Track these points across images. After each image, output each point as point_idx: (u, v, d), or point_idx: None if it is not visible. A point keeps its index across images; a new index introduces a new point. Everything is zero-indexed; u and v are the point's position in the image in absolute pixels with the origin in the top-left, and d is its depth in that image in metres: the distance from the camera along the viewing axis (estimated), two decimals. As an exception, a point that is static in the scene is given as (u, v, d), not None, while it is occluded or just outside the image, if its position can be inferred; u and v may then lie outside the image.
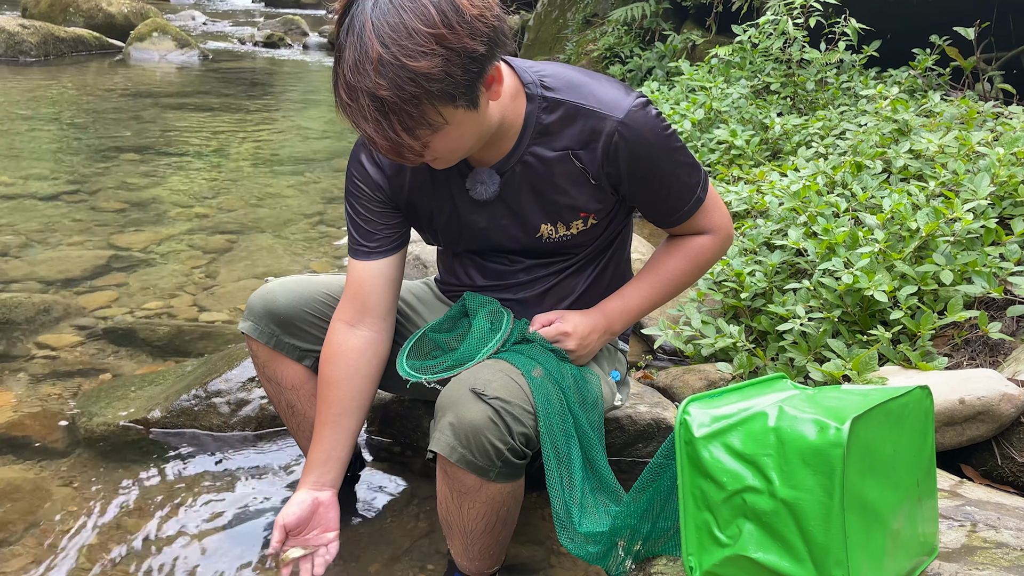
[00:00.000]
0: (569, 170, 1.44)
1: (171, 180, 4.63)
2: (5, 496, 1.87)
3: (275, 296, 1.64)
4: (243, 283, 3.19)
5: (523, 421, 1.34)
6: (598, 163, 1.43)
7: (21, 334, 2.65)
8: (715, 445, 1.09)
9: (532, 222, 1.50)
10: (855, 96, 3.92)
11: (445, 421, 1.35)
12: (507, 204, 1.49)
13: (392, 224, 1.54)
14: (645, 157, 1.42)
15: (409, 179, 1.51)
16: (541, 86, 1.42)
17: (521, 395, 1.36)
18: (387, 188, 1.52)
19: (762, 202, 2.81)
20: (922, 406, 1.17)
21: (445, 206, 1.53)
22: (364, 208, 1.53)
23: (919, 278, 2.10)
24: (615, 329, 1.59)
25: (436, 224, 1.56)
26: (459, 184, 1.49)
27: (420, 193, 1.52)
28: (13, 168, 4.68)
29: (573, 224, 1.51)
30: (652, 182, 1.47)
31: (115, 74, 8.73)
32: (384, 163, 1.51)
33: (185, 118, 6.43)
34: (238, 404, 2.13)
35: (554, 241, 1.53)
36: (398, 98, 1.16)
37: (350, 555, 1.72)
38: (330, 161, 5.31)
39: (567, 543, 1.33)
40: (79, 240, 3.56)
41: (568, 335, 1.51)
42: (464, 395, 1.34)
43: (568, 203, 1.48)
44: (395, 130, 1.20)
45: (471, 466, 1.35)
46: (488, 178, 1.46)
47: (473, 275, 1.63)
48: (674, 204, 1.52)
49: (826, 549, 0.99)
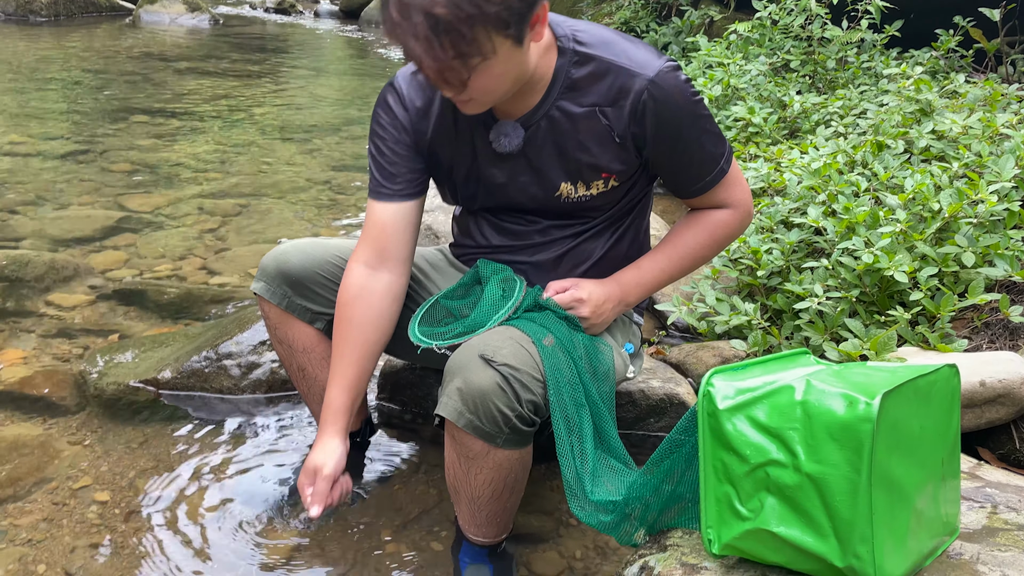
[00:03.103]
0: (595, 127, 1.43)
1: (181, 143, 4.60)
2: (15, 452, 1.86)
3: (288, 257, 1.62)
4: (252, 247, 3.17)
5: (531, 389, 1.33)
6: (625, 121, 1.41)
7: (31, 292, 2.63)
8: (739, 418, 1.07)
9: (552, 180, 1.49)
10: (876, 76, 3.86)
11: (453, 386, 1.34)
12: (528, 160, 1.48)
13: (415, 168, 1.53)
14: (672, 119, 1.41)
15: (434, 125, 1.50)
16: (574, 40, 1.41)
17: (530, 363, 1.34)
18: (411, 131, 1.51)
19: (780, 180, 2.77)
20: (949, 385, 1.15)
21: (466, 158, 1.52)
22: (389, 150, 1.52)
23: (940, 259, 2.08)
24: (630, 300, 1.57)
25: (455, 176, 1.55)
26: (483, 136, 1.48)
27: (443, 141, 1.51)
28: (23, 127, 4.66)
29: (593, 184, 1.49)
30: (677, 146, 1.45)
31: (125, 36, 8.66)
32: (411, 107, 1.50)
33: (195, 82, 6.39)
34: (249, 367, 2.12)
35: (572, 201, 1.51)
36: (454, 16, 1.16)
37: (360, 521, 1.71)
38: (340, 129, 5.27)
39: (578, 511, 1.31)
40: (89, 200, 3.55)
41: (582, 302, 1.49)
42: (473, 360, 1.33)
43: (590, 162, 1.46)
44: (445, 51, 1.19)
45: (478, 432, 1.34)
46: (512, 131, 1.45)
47: (489, 235, 1.61)
48: (696, 172, 1.50)
49: (851, 525, 0.97)
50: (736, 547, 1.08)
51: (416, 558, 1.62)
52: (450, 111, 1.48)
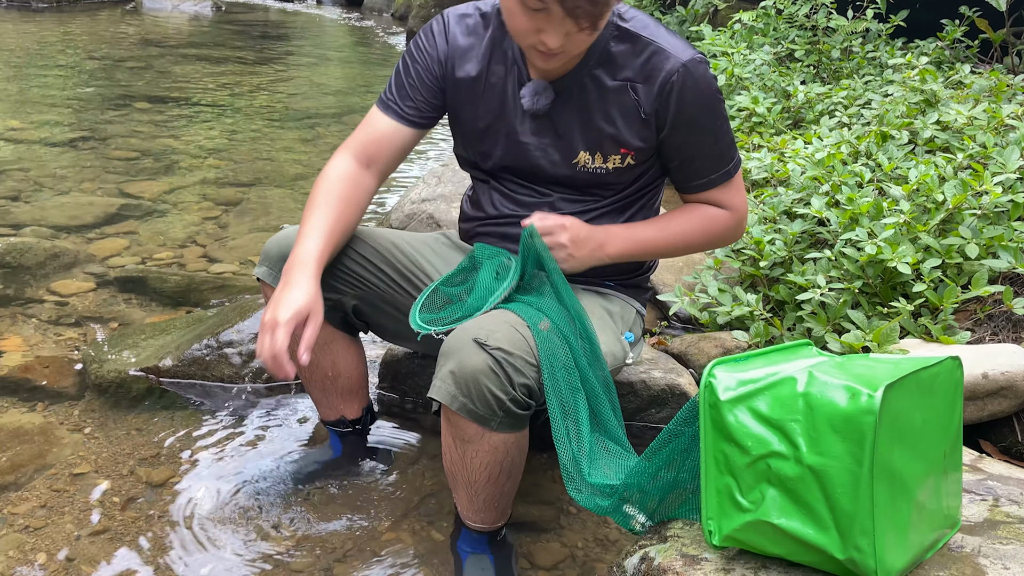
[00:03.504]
0: (623, 101, 1.47)
1: (182, 130, 4.58)
2: (15, 439, 1.86)
3: (290, 242, 1.61)
4: (254, 235, 3.16)
5: (525, 373, 1.33)
6: (653, 97, 1.46)
7: (31, 279, 2.63)
8: (741, 409, 1.06)
9: (573, 146, 1.52)
10: (880, 66, 3.84)
11: (446, 369, 1.34)
12: (553, 123, 1.51)
13: (431, 103, 1.57)
14: (694, 107, 1.46)
15: (469, 69, 1.54)
16: (618, 16, 1.47)
17: (524, 347, 1.34)
18: (446, 65, 1.55)
19: (784, 170, 2.76)
20: (952, 377, 1.14)
21: (493, 110, 1.55)
22: (415, 73, 1.56)
23: (944, 251, 2.07)
24: (609, 250, 1.53)
25: (477, 125, 1.57)
26: (514, 92, 1.52)
27: (474, 87, 1.55)
28: (24, 113, 4.64)
29: (611, 158, 1.51)
30: (692, 135, 1.49)
31: (127, 22, 8.64)
32: (453, 43, 1.55)
33: (197, 69, 6.36)
34: (250, 356, 2.12)
35: (588, 172, 1.53)
36: None
37: (360, 509, 1.71)
38: (342, 117, 5.25)
39: (575, 494, 1.30)
40: (90, 187, 3.54)
41: (564, 228, 1.48)
42: (466, 344, 1.33)
43: (612, 134, 1.49)
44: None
45: (472, 415, 1.34)
46: (544, 91, 1.49)
47: (498, 204, 1.62)
48: (703, 166, 1.53)
49: (852, 517, 0.97)
50: (737, 539, 1.08)
51: (416, 547, 1.62)
52: (488, 60, 1.53)
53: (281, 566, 1.55)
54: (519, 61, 1.52)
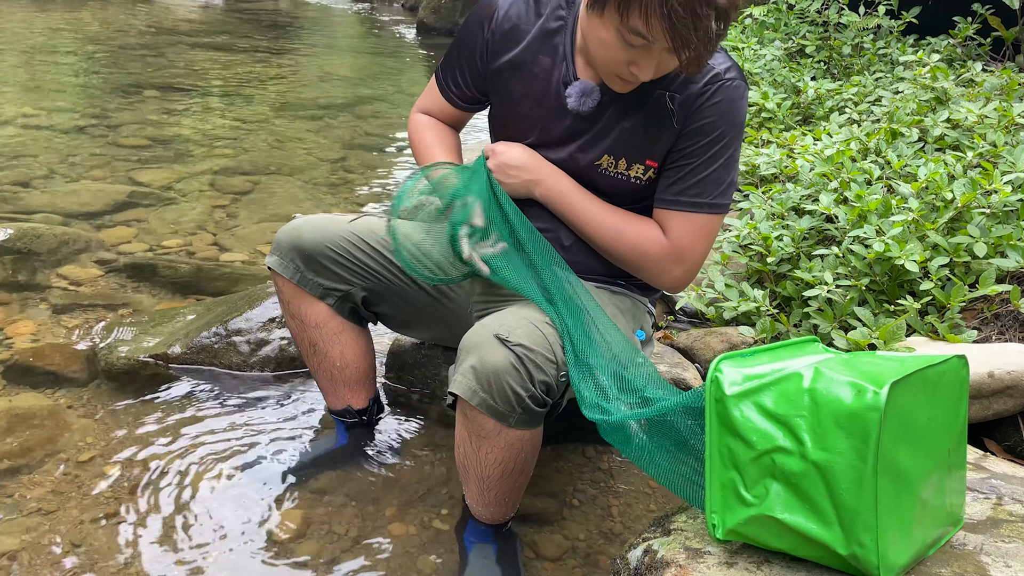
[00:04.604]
0: (660, 110, 1.46)
1: (192, 119, 4.60)
2: (25, 423, 1.88)
3: (301, 232, 1.63)
4: (263, 225, 3.17)
5: (545, 370, 1.34)
6: (686, 106, 1.45)
7: (42, 265, 2.65)
8: (746, 404, 1.07)
9: (600, 148, 1.51)
10: (891, 63, 3.82)
11: (467, 364, 1.35)
12: (591, 124, 1.50)
13: (473, 89, 1.64)
14: (716, 122, 1.45)
15: (517, 52, 1.55)
16: None
17: (545, 344, 1.35)
18: (489, 50, 1.57)
19: (793, 166, 2.75)
20: (958, 376, 1.14)
21: (531, 96, 1.54)
22: (461, 56, 1.62)
23: (952, 249, 2.06)
24: (538, 190, 1.53)
25: (515, 104, 1.56)
26: (558, 86, 1.51)
27: (520, 71, 1.55)
28: (35, 100, 4.66)
29: (634, 166, 1.51)
30: (697, 148, 1.46)
31: (138, 11, 8.65)
32: (499, 29, 1.55)
33: (207, 58, 6.37)
34: (258, 344, 2.13)
35: (608, 175, 1.52)
36: (730, 4, 1.24)
37: (365, 499, 1.73)
38: (352, 107, 5.26)
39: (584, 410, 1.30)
40: (100, 175, 3.55)
41: (494, 152, 1.54)
42: (487, 339, 1.34)
43: (642, 142, 1.49)
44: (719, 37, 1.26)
45: (491, 411, 1.34)
46: (591, 92, 1.48)
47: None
48: (685, 184, 1.48)
49: (856, 513, 0.97)
50: (740, 532, 1.09)
51: (420, 536, 1.64)
52: (535, 49, 1.53)
53: (287, 554, 1.57)
54: (568, 58, 1.50)
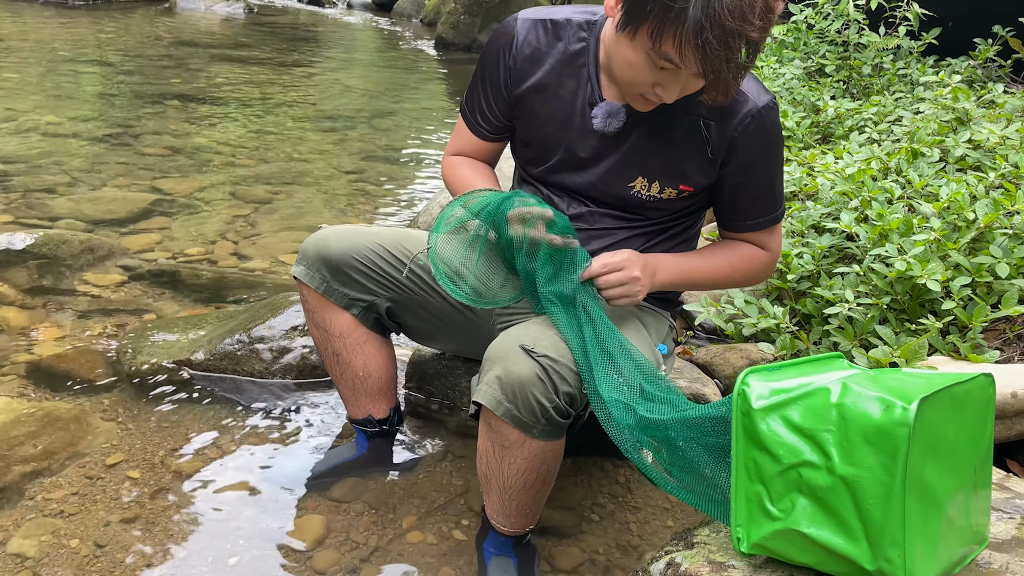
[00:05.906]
0: (693, 137, 1.47)
1: (214, 129, 4.64)
2: (50, 427, 1.90)
3: (328, 242, 1.64)
4: (283, 234, 3.20)
5: (569, 381, 1.34)
6: (724, 138, 1.46)
7: (67, 271, 2.68)
8: (773, 418, 1.07)
9: (632, 171, 1.51)
10: (911, 83, 3.83)
11: (492, 375, 1.35)
12: (617, 144, 1.50)
13: (502, 120, 1.62)
14: (760, 151, 1.48)
15: (540, 76, 1.53)
16: None
17: (569, 355, 1.36)
18: (512, 77, 1.54)
19: (813, 184, 2.76)
20: (985, 394, 1.14)
21: (556, 119, 1.53)
22: (485, 88, 1.59)
23: (974, 270, 2.06)
24: (660, 277, 1.52)
25: (539, 126, 1.55)
26: (583, 108, 1.50)
27: (543, 94, 1.53)
28: (60, 108, 4.72)
29: (667, 190, 1.52)
30: (751, 177, 1.51)
31: (161, 22, 8.75)
32: (520, 55, 1.53)
33: (229, 69, 6.44)
34: (280, 352, 2.15)
35: (640, 198, 1.53)
36: (760, 37, 1.24)
37: (385, 508, 1.73)
38: (371, 120, 5.30)
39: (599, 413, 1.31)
40: (124, 183, 3.59)
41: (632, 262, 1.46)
42: (513, 350, 1.35)
43: (675, 168, 1.50)
44: (748, 67, 1.26)
45: (515, 421, 1.35)
46: (616, 113, 1.47)
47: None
48: (755, 208, 1.56)
49: (883, 529, 0.97)
50: (765, 546, 1.09)
51: (439, 546, 1.64)
52: (559, 72, 1.51)
53: (306, 561, 1.57)
54: (593, 79, 1.49)
